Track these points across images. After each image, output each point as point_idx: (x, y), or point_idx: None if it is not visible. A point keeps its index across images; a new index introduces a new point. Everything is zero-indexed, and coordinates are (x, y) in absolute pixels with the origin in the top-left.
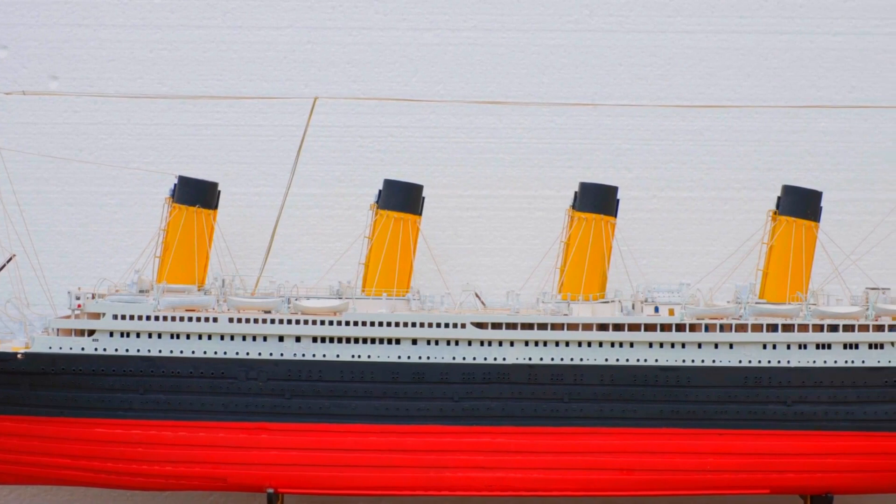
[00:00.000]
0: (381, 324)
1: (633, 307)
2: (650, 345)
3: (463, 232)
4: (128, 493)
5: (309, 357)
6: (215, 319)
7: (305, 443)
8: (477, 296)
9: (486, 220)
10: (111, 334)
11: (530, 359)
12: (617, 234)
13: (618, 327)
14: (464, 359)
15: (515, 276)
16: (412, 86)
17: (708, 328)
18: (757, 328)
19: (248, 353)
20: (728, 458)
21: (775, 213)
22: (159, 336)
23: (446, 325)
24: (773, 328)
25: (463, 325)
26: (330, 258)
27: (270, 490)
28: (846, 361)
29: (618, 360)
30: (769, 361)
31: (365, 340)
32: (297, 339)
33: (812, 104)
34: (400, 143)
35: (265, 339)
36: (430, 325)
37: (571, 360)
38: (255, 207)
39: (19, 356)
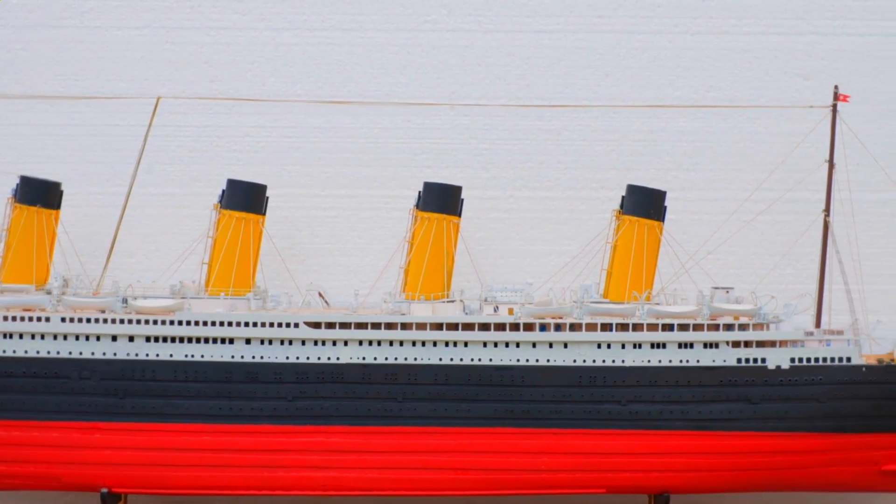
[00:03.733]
0: (213, 323)
1: (481, 307)
2: (485, 344)
3: (320, 232)
4: None
5: (142, 357)
6: (48, 319)
7: (139, 442)
8: (321, 295)
9: (343, 219)
10: None
11: (364, 358)
12: (473, 233)
13: (452, 327)
14: (297, 358)
15: (371, 275)
16: (270, 86)
17: (543, 328)
18: (591, 327)
19: (81, 353)
20: (563, 458)
21: (619, 212)
22: None
23: (280, 325)
24: (607, 328)
25: (296, 325)
26: (183, 257)
27: (104, 490)
28: (681, 361)
29: (452, 359)
30: (604, 361)
31: (198, 340)
32: (131, 338)
33: (670, 104)
34: (257, 143)
35: (98, 338)
36: (264, 324)
37: (406, 359)
38: (111, 207)
39: None
